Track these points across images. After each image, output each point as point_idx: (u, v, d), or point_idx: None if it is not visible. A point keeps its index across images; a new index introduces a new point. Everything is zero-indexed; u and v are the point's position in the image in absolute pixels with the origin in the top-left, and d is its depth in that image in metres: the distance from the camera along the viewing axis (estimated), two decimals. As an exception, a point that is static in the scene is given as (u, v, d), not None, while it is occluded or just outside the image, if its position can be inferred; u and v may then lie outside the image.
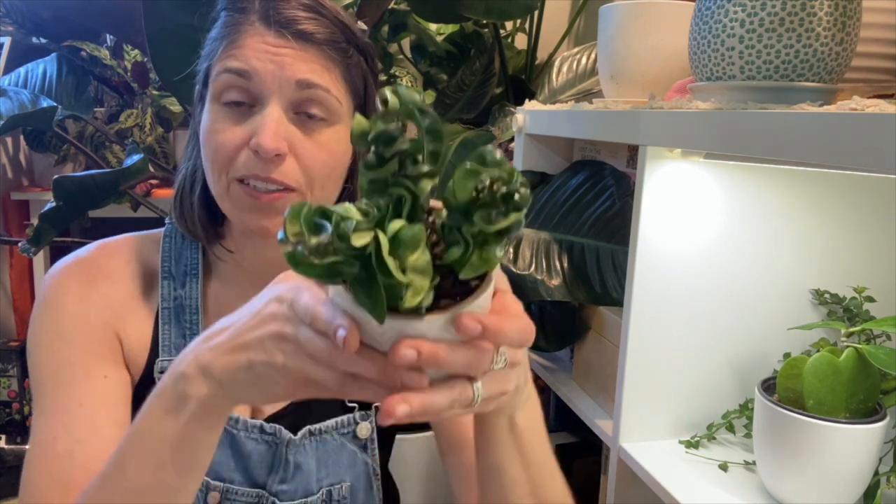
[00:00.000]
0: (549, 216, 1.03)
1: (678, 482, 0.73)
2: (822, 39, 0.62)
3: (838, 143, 0.50)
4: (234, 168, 0.62)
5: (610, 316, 0.94)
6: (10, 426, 1.99)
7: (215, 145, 0.62)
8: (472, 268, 0.36)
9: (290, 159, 0.62)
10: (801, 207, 0.80)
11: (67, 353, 0.64)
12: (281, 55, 0.61)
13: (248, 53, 0.61)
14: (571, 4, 2.10)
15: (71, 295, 0.66)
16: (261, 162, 0.61)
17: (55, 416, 0.62)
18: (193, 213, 0.68)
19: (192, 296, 0.69)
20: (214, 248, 0.70)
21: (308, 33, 0.62)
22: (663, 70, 0.94)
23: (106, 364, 0.65)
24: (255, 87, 0.61)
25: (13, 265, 2.08)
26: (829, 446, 0.63)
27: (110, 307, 0.67)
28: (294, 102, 0.62)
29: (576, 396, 0.98)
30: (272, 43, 0.62)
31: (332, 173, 0.66)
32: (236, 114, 0.62)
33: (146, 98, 1.78)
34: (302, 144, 0.63)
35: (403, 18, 1.82)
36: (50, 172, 1.94)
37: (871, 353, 0.64)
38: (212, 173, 0.64)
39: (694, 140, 0.67)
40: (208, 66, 0.65)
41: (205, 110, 0.65)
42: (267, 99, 0.62)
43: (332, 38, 0.64)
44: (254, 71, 0.61)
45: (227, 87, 0.62)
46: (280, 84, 0.61)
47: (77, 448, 0.61)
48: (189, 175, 0.69)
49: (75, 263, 0.68)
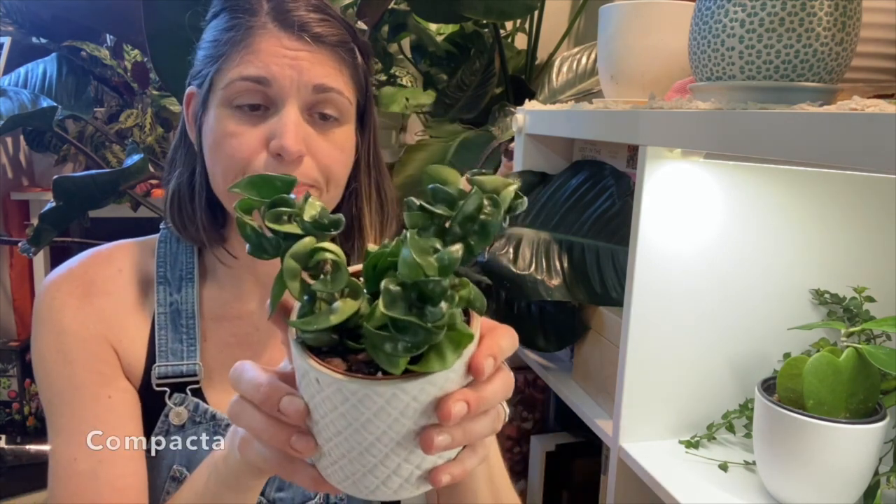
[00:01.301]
0: (549, 216, 1.03)
1: (678, 482, 0.72)
2: (822, 39, 0.62)
3: (838, 143, 0.50)
4: (251, 172, 0.61)
5: (610, 316, 0.94)
6: (10, 426, 1.99)
7: (231, 150, 0.62)
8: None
9: (307, 159, 0.63)
10: (801, 207, 0.80)
11: (71, 374, 0.64)
12: (298, 59, 0.61)
13: (265, 59, 0.61)
14: (571, 4, 2.10)
15: (67, 312, 0.66)
16: (282, 164, 0.61)
17: (71, 437, 0.63)
18: (196, 219, 0.67)
19: (188, 300, 0.69)
20: (217, 252, 0.70)
21: (322, 36, 0.63)
22: (663, 70, 0.94)
23: (107, 383, 0.65)
24: (273, 92, 0.61)
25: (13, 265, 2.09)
26: (829, 446, 0.63)
27: (105, 321, 0.66)
28: (309, 104, 0.63)
29: (576, 396, 0.98)
30: (289, 46, 0.61)
31: (344, 171, 0.67)
32: (251, 117, 0.62)
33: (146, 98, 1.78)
34: (318, 144, 0.63)
35: (403, 18, 1.82)
36: (50, 172, 1.94)
37: (871, 353, 0.64)
38: (226, 178, 0.63)
39: (694, 140, 0.67)
40: (215, 72, 0.63)
41: (211, 115, 0.64)
42: (283, 102, 0.61)
43: (342, 39, 0.64)
44: (273, 78, 0.61)
45: (243, 92, 0.61)
46: (298, 88, 0.61)
47: (100, 468, 0.62)
48: (187, 181, 0.68)
49: (68, 276, 0.68)
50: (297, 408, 0.38)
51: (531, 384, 1.20)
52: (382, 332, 0.33)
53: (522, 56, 1.99)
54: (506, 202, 0.36)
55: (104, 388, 0.65)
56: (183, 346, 0.67)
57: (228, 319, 0.70)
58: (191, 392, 0.67)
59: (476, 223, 0.35)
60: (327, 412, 0.36)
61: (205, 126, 0.65)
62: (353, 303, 0.35)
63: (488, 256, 1.01)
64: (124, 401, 0.66)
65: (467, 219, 0.35)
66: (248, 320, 0.71)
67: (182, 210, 0.68)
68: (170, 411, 0.66)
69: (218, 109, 0.63)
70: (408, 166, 1.56)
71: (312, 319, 0.35)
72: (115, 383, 0.66)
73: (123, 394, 0.66)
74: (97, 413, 0.64)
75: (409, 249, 0.32)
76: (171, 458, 0.67)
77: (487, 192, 0.36)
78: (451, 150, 1.54)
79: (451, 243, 0.35)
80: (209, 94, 0.64)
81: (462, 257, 0.34)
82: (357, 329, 0.37)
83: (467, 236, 0.35)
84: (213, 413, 0.67)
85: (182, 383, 0.67)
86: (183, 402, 0.67)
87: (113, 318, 0.67)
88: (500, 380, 0.40)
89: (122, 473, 0.63)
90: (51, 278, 0.68)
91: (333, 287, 0.35)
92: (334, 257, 0.35)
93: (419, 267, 0.32)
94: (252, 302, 0.71)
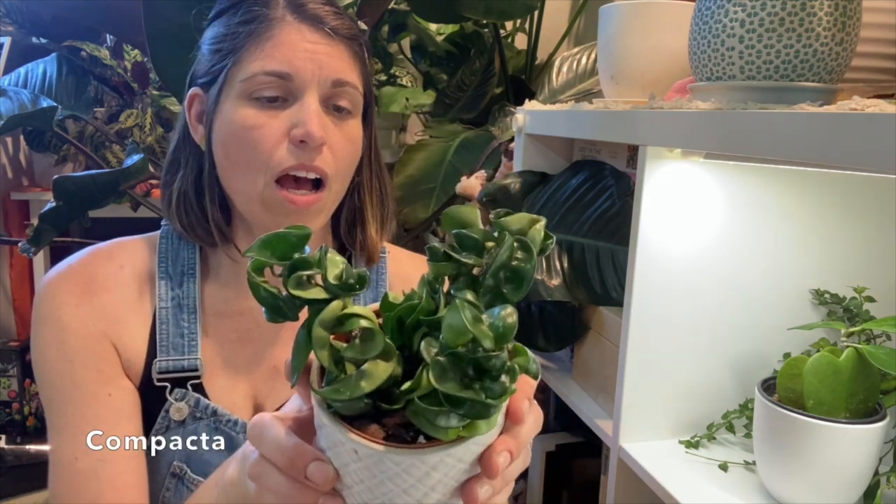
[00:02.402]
0: (549, 216, 1.03)
1: (678, 482, 0.72)
2: (822, 39, 0.62)
3: (838, 143, 0.50)
4: (274, 163, 0.62)
5: (610, 316, 0.94)
6: (10, 426, 1.99)
7: (254, 142, 0.62)
8: None
9: (326, 149, 0.63)
10: (801, 207, 0.80)
11: (72, 372, 0.64)
12: (318, 53, 0.62)
13: (287, 52, 0.62)
14: (571, 4, 2.10)
15: (68, 309, 0.66)
16: (306, 151, 0.62)
17: (71, 437, 0.63)
18: (207, 219, 0.67)
19: (189, 295, 0.69)
20: (229, 250, 0.70)
21: (338, 29, 0.64)
22: (663, 70, 0.94)
23: (107, 381, 0.65)
24: (293, 85, 0.62)
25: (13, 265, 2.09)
26: (829, 446, 0.63)
27: (105, 318, 0.66)
28: (326, 96, 0.64)
29: (576, 396, 0.98)
30: (309, 39, 0.62)
31: (353, 164, 0.68)
32: (271, 108, 0.63)
33: (146, 98, 1.79)
34: (334, 134, 0.64)
35: (403, 18, 1.82)
36: (50, 172, 1.94)
37: (871, 353, 0.64)
38: (245, 173, 0.63)
39: (694, 140, 0.67)
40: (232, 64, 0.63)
41: (227, 109, 0.63)
42: (303, 93, 0.62)
43: (354, 33, 0.66)
44: (295, 72, 0.62)
45: (265, 85, 0.62)
46: (319, 81, 0.62)
47: (100, 466, 0.62)
48: (192, 182, 0.68)
49: (68, 274, 0.68)
50: (326, 476, 0.35)
51: (531, 384, 1.20)
52: (434, 408, 0.31)
53: (522, 56, 1.99)
54: (536, 244, 0.33)
55: (104, 387, 0.65)
56: (184, 341, 0.68)
57: (230, 315, 0.70)
58: (192, 387, 0.67)
59: (508, 270, 0.33)
60: (363, 479, 0.34)
61: (218, 121, 0.64)
62: (386, 365, 0.33)
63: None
64: (124, 399, 0.66)
65: (499, 268, 0.33)
66: (250, 316, 0.71)
67: (189, 211, 0.68)
68: (170, 406, 0.66)
69: (235, 102, 0.63)
70: (408, 166, 1.56)
71: (343, 388, 0.32)
72: (116, 381, 0.66)
73: (123, 392, 0.66)
74: (97, 412, 0.64)
75: (458, 314, 0.30)
76: (171, 455, 0.67)
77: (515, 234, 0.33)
78: (451, 150, 1.54)
79: (485, 296, 0.32)
80: (223, 89, 0.64)
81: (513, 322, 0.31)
82: (388, 388, 0.34)
83: (500, 286, 0.33)
84: (213, 409, 0.67)
85: (183, 378, 0.67)
86: (184, 398, 0.67)
87: (114, 314, 0.67)
88: (533, 417, 0.39)
89: (123, 472, 0.63)
90: (50, 276, 0.68)
91: (366, 354, 0.32)
92: (368, 324, 0.33)
93: (469, 334, 0.30)
94: (253, 299, 0.71)
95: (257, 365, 0.70)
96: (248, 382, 0.70)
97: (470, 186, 1.19)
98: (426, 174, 1.54)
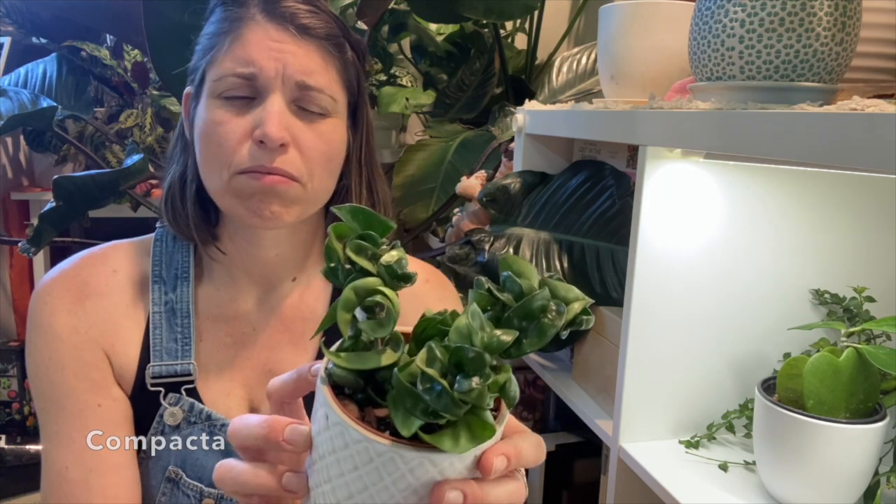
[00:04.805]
0: (549, 216, 1.03)
1: (678, 482, 0.72)
2: (822, 39, 0.62)
3: (838, 143, 0.50)
4: (236, 161, 0.62)
5: (610, 316, 0.94)
6: (10, 426, 1.99)
7: (218, 139, 0.62)
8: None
9: (292, 150, 0.62)
10: (801, 207, 0.80)
11: (62, 381, 0.64)
12: (283, 52, 0.62)
13: (251, 51, 0.61)
14: (571, 4, 2.10)
15: (60, 317, 0.65)
16: (266, 152, 0.61)
17: (62, 446, 0.63)
18: (187, 214, 0.67)
19: (183, 299, 0.69)
20: (209, 249, 0.70)
21: (309, 27, 0.63)
22: (663, 70, 0.94)
23: (98, 391, 0.65)
24: (258, 83, 0.62)
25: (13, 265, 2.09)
26: (829, 446, 0.63)
27: (98, 324, 0.66)
28: (293, 97, 0.63)
29: (576, 396, 0.98)
30: (275, 38, 0.62)
31: (329, 164, 0.66)
32: (237, 106, 0.62)
33: (146, 98, 1.79)
34: (303, 134, 0.63)
35: (403, 18, 1.82)
36: (50, 172, 1.94)
37: (871, 354, 0.64)
38: (212, 169, 0.63)
39: (694, 140, 0.67)
40: (207, 64, 0.64)
41: (201, 106, 0.64)
42: (269, 92, 0.62)
43: (330, 33, 0.64)
44: (259, 70, 0.61)
45: (231, 84, 0.62)
46: (283, 80, 0.62)
47: (91, 476, 0.62)
48: (178, 177, 0.68)
49: (61, 279, 0.68)
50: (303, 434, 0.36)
51: (531, 384, 1.20)
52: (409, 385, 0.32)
53: (522, 56, 1.99)
54: (571, 314, 0.35)
55: (95, 396, 0.65)
56: (178, 346, 0.67)
57: (224, 319, 0.70)
58: (185, 392, 0.67)
59: (535, 322, 0.34)
60: (326, 454, 0.35)
61: (196, 118, 0.65)
62: (394, 354, 0.35)
63: (488, 256, 1.01)
64: (115, 409, 0.66)
65: (527, 314, 0.34)
66: (245, 320, 0.71)
67: (174, 206, 0.68)
68: (164, 411, 0.66)
69: (207, 100, 0.63)
70: (408, 166, 1.57)
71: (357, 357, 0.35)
72: (107, 391, 0.66)
73: (114, 402, 0.66)
74: (87, 422, 0.64)
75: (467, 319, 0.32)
76: (166, 459, 0.67)
77: (556, 299, 0.35)
78: (451, 150, 1.54)
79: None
80: (201, 87, 0.65)
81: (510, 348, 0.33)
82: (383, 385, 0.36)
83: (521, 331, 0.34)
84: (207, 413, 0.67)
85: (177, 383, 0.67)
86: (178, 402, 0.67)
87: (107, 319, 0.67)
88: (510, 488, 0.36)
89: (114, 482, 0.63)
90: (44, 281, 0.68)
91: (379, 331, 0.34)
92: (390, 304, 0.35)
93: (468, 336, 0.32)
94: (248, 302, 0.71)
95: (252, 369, 0.70)
96: (243, 386, 0.70)
97: (470, 186, 1.19)
98: (426, 174, 1.54)
